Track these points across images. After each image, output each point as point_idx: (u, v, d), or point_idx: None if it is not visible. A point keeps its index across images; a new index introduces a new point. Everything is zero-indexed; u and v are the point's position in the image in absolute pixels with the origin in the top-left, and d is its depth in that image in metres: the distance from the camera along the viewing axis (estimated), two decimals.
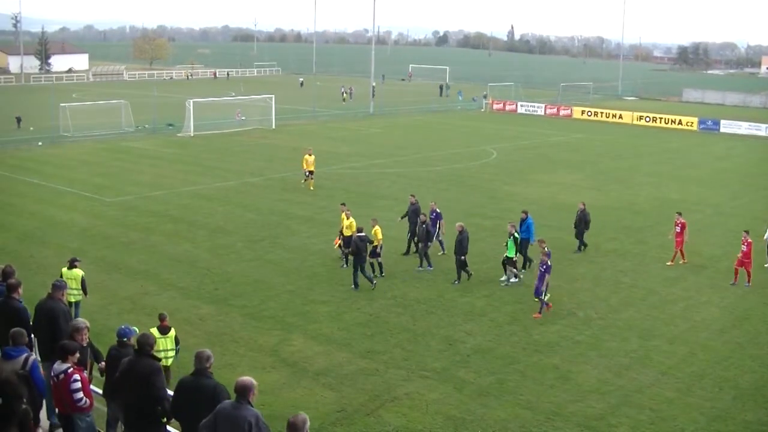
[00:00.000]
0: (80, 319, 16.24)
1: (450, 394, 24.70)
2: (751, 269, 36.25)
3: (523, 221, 37.78)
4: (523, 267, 37.11)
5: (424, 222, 37.55)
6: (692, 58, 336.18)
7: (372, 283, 34.69)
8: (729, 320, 32.18)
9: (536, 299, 32.21)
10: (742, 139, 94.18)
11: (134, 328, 16.03)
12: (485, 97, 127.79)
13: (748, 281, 36.07)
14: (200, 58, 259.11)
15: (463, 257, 35.52)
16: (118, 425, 16.14)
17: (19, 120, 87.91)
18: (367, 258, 35.13)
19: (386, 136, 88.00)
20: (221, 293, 33.80)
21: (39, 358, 17.76)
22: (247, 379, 13.03)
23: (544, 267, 32.18)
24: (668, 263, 39.23)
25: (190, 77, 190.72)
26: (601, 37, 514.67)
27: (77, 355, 14.81)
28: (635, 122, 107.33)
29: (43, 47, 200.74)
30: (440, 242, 40.06)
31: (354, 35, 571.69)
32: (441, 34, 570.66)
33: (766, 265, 39.02)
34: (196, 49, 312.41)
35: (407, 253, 39.54)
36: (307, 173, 56.12)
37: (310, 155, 56.30)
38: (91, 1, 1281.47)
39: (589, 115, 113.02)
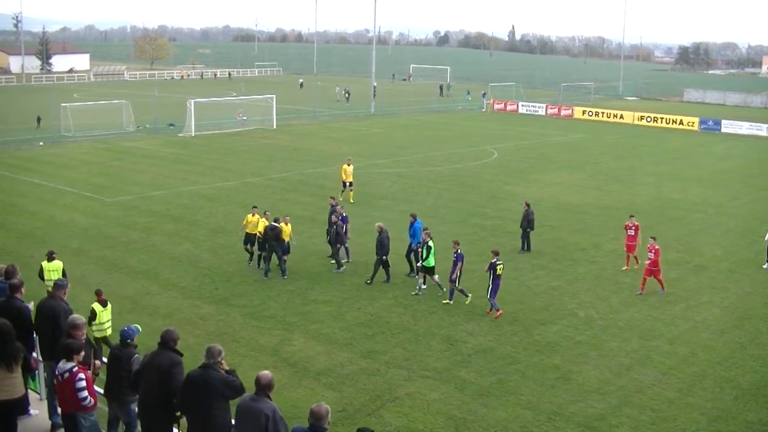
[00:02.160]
0: (77, 316, 16.20)
1: (451, 394, 24.71)
2: (661, 277, 34.95)
3: (411, 225, 37.14)
4: (412, 272, 36.42)
5: (335, 223, 37.52)
6: (693, 58, 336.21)
7: (283, 274, 35.80)
8: (730, 320, 32.17)
9: (450, 285, 33.15)
10: (743, 139, 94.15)
11: (137, 326, 16.01)
12: (484, 95, 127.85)
13: (662, 289, 34.94)
14: (201, 58, 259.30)
15: (384, 257, 35.45)
16: (119, 425, 16.13)
17: (39, 119, 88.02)
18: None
19: (387, 136, 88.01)
20: (222, 293, 33.81)
21: (41, 358, 17.81)
22: (268, 373, 13.24)
23: (456, 255, 33.11)
24: (624, 268, 38.40)
25: (185, 77, 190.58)
26: (602, 37, 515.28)
27: (82, 353, 14.82)
28: (636, 122, 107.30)
29: (44, 47, 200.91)
30: (345, 248, 38.71)
31: (355, 35, 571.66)
32: (442, 34, 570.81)
33: (764, 266, 39.05)
34: (197, 49, 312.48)
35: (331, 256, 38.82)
36: (347, 184, 52.63)
37: (348, 165, 52.83)
38: (92, 1, 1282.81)
39: (590, 115, 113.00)
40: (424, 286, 34.50)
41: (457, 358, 27.55)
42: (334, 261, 37.68)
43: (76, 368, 14.48)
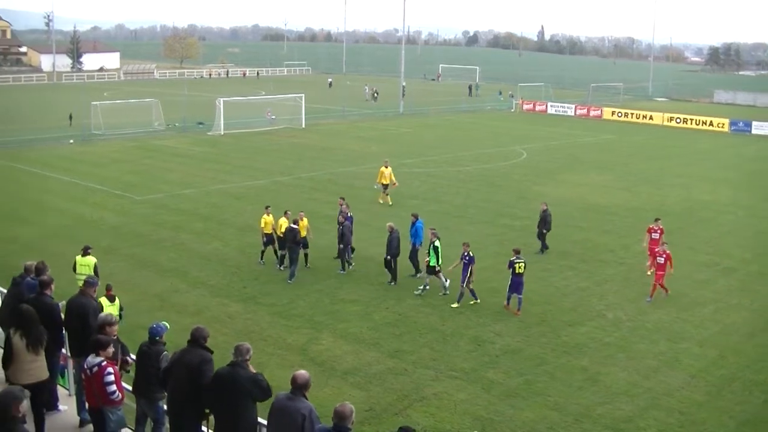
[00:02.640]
0: (108, 313, 16.33)
1: (478, 394, 24.69)
2: (663, 282, 34.16)
3: (412, 225, 36.80)
4: (418, 273, 36.24)
5: (341, 224, 37.34)
6: (723, 59, 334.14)
7: (291, 277, 35.45)
8: (760, 323, 31.97)
9: (461, 289, 32.86)
10: None
11: (165, 323, 16.08)
12: (511, 95, 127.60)
13: (650, 296, 34.28)
14: (230, 57, 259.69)
15: (388, 257, 35.29)
16: (147, 422, 16.21)
17: (71, 117, 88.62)
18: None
19: (416, 135, 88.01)
20: (250, 291, 33.91)
21: (69, 354, 17.93)
22: (305, 373, 13.27)
23: (467, 258, 32.77)
24: (648, 272, 37.18)
25: (212, 76, 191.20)
26: (631, 37, 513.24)
27: (111, 348, 14.91)
28: (666, 123, 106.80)
29: (75, 46, 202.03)
30: (350, 249, 38.39)
31: (384, 35, 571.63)
32: (471, 34, 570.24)
33: None
34: (226, 48, 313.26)
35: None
36: (383, 186, 51.60)
37: (386, 167, 51.75)
38: (123, 0, 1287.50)
39: (620, 116, 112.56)
40: (428, 287, 34.40)
41: (484, 358, 27.52)
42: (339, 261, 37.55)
43: (105, 362, 14.59)
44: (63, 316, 17.68)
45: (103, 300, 24.55)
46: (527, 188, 57.85)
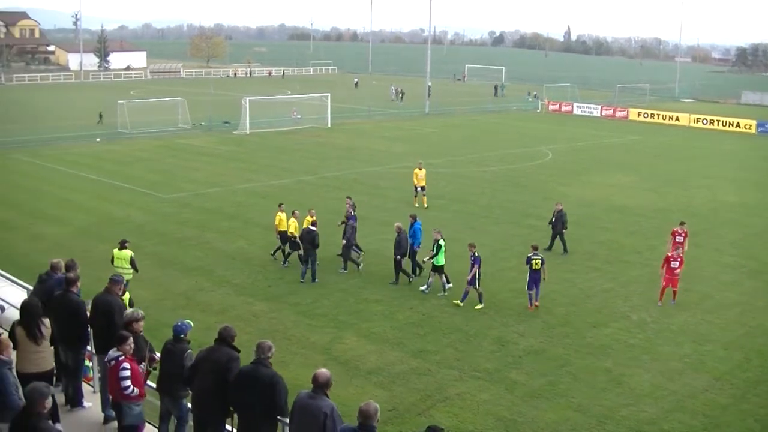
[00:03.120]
0: (133, 309, 16.44)
1: (501, 395, 24.66)
2: (677, 287, 33.74)
3: (411, 226, 36.89)
4: (413, 273, 36.16)
5: (345, 222, 37.47)
6: (751, 60, 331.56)
7: (303, 278, 35.27)
8: None
9: (466, 288, 32.75)
10: None
11: (189, 322, 16.16)
12: (536, 96, 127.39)
13: (660, 301, 33.84)
14: (257, 57, 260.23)
15: (398, 257, 35.21)
16: (171, 419, 16.29)
17: (101, 116, 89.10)
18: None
19: (441, 135, 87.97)
20: (275, 291, 33.99)
21: (94, 351, 18.03)
22: (326, 371, 13.34)
23: (473, 258, 32.76)
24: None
25: (237, 75, 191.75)
26: (658, 38, 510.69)
27: (130, 343, 15.00)
28: (692, 124, 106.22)
29: (102, 45, 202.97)
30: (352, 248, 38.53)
31: (410, 35, 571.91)
32: (497, 34, 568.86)
33: None
34: (253, 48, 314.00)
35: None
36: (419, 189, 50.61)
37: (420, 169, 50.77)
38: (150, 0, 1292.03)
39: (646, 117, 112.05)
40: (431, 284, 34.40)
41: (507, 359, 27.49)
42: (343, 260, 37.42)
43: (122, 357, 14.69)
44: (89, 313, 17.78)
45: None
46: (553, 189, 57.68)
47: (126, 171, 61.02)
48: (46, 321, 16.47)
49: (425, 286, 34.27)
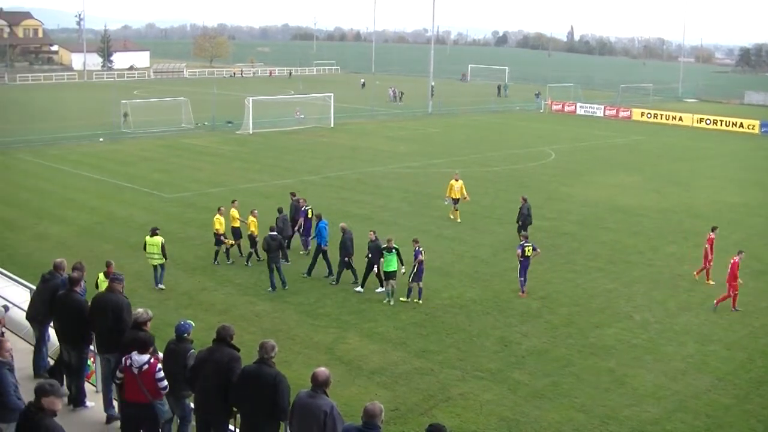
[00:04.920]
0: (143, 310, 16.45)
1: (504, 395, 24.67)
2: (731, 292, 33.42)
3: (316, 225, 37.30)
4: (330, 274, 36.04)
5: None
6: (755, 60, 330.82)
7: (284, 285, 34.41)
8: None
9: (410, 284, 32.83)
10: None
11: (191, 322, 16.19)
12: (538, 95, 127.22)
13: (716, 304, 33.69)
14: (260, 57, 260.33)
15: (347, 258, 34.91)
16: (173, 419, 16.30)
17: (125, 115, 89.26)
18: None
19: (445, 135, 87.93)
20: (278, 291, 33.96)
21: (96, 351, 18.06)
22: (325, 370, 13.38)
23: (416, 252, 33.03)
24: (696, 274, 37.20)
25: (234, 75, 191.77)
26: (661, 38, 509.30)
27: (154, 345, 15.19)
28: (695, 125, 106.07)
29: (106, 45, 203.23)
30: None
31: (413, 35, 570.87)
32: (500, 34, 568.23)
33: None
34: (256, 48, 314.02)
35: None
36: (454, 201, 47.32)
37: (456, 180, 47.46)
38: None
39: (649, 117, 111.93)
40: (382, 290, 33.65)
41: (511, 359, 27.49)
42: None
43: (153, 359, 14.83)
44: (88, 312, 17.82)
45: (101, 276, 26.04)
46: (555, 189, 57.68)
47: (129, 171, 61.07)
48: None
49: (388, 298, 32.98)
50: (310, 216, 39.96)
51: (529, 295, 33.63)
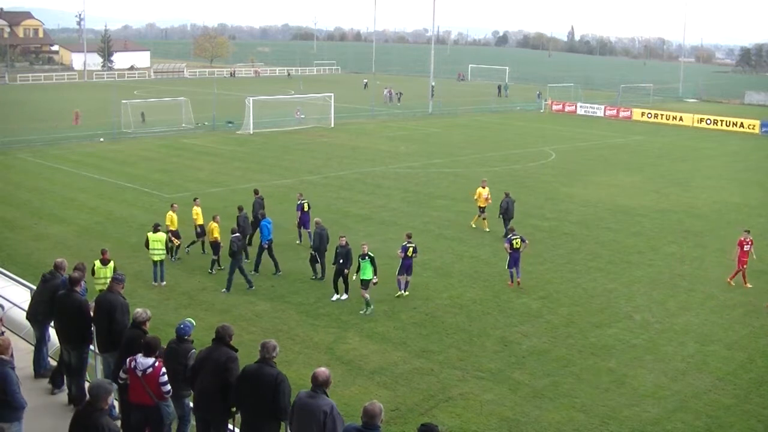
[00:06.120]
0: (141, 310, 16.45)
1: (504, 395, 24.67)
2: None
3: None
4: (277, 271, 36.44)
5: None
6: (755, 60, 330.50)
7: (250, 285, 34.23)
8: None
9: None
10: None
11: (191, 320, 16.21)
12: (539, 96, 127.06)
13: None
14: (260, 56, 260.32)
15: (313, 252, 35.46)
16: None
17: (143, 115, 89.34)
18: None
19: (445, 135, 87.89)
20: (278, 290, 33.99)
21: (97, 350, 18.06)
22: (325, 370, 13.40)
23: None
24: (732, 284, 36.86)
25: (233, 74, 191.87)
26: (662, 38, 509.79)
27: (161, 348, 15.19)
28: (696, 125, 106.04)
29: (106, 45, 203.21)
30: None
31: (413, 35, 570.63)
32: (501, 34, 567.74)
33: None
34: (257, 47, 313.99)
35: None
36: (480, 210, 45.51)
37: (484, 187, 45.82)
38: None
39: (649, 117, 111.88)
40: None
41: (511, 359, 27.49)
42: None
43: (158, 363, 14.83)
44: (92, 312, 17.83)
45: (97, 263, 28.73)
46: (556, 189, 57.67)
47: (130, 170, 61.09)
48: None
49: (365, 309, 31.97)
50: (306, 210, 40.90)
51: (528, 294, 33.69)
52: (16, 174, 59.83)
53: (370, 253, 31.93)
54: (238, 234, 34.62)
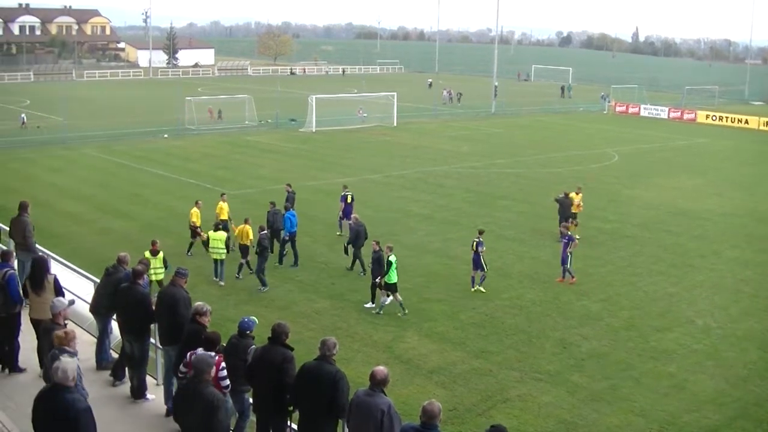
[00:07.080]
0: (201, 303, 16.61)
1: (562, 397, 24.58)
2: None
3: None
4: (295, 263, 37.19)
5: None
6: None
7: (264, 286, 34.05)
8: None
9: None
10: None
11: (255, 319, 16.33)
12: (603, 98, 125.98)
13: None
14: (324, 55, 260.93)
15: (347, 245, 36.74)
16: (233, 413, 16.46)
17: (220, 112, 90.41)
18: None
19: (507, 136, 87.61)
20: (338, 288, 34.16)
21: (159, 345, 18.30)
22: (383, 369, 13.39)
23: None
24: None
25: (293, 72, 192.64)
26: (728, 39, 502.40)
27: (220, 344, 15.36)
28: (762, 128, 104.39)
29: (171, 42, 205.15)
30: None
31: (477, 34, 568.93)
32: (564, 34, 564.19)
33: None
34: (320, 46, 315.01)
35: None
36: (572, 215, 43.07)
37: (578, 193, 44.71)
38: None
39: (714, 120, 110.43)
40: (387, 302, 32.07)
41: (570, 361, 27.38)
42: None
43: (218, 357, 14.98)
44: (154, 306, 18.05)
45: (147, 253, 30.03)
46: (618, 191, 57.26)
47: (192, 167, 61.68)
48: (51, 277, 19.11)
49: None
50: (349, 201, 41.89)
51: (589, 297, 33.54)
52: (81, 169, 60.69)
53: (391, 257, 31.35)
54: (266, 231, 35.20)
